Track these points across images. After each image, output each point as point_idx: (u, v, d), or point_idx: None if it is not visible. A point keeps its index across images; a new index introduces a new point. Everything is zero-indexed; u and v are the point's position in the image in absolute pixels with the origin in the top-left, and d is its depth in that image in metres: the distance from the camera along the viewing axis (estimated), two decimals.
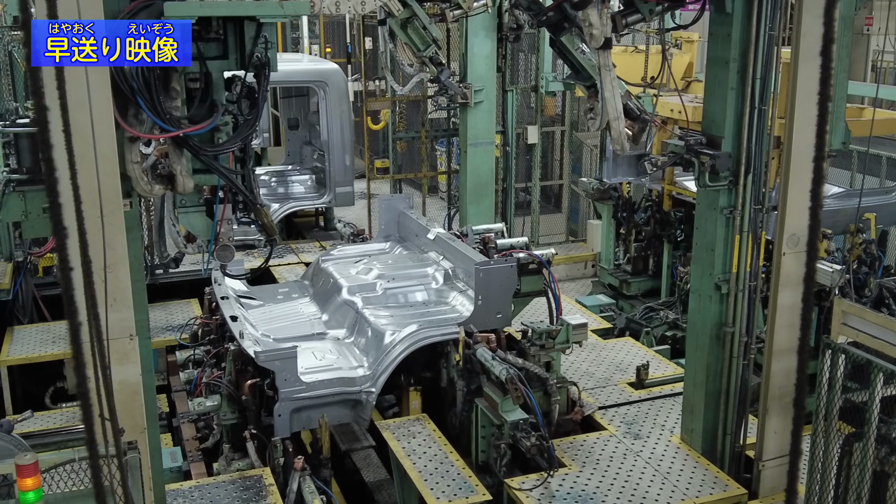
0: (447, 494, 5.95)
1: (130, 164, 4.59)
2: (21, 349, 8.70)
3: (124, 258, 4.50)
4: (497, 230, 8.77)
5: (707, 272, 6.19)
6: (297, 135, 13.99)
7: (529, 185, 14.00)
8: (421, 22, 9.46)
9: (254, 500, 6.04)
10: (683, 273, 10.10)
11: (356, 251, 9.30)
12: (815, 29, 5.49)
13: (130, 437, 4.28)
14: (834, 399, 4.93)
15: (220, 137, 4.88)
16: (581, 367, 8.05)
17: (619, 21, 5.61)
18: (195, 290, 9.69)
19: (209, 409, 7.03)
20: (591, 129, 7.70)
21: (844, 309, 5.14)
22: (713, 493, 6.03)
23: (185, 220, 5.31)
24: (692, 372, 6.52)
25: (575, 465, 6.36)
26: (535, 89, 13.42)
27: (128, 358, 4.60)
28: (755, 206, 5.96)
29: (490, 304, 7.20)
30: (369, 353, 7.29)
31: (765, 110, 5.79)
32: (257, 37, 4.83)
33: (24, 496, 3.37)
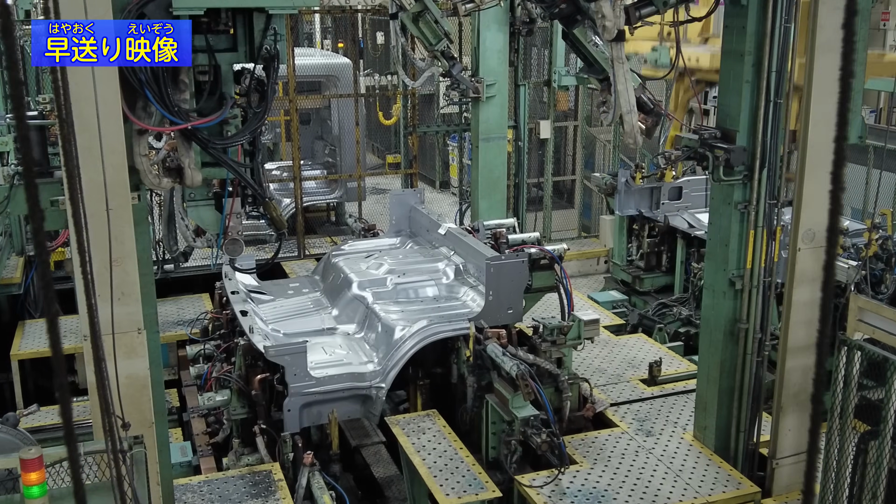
0: (457, 491, 5.91)
1: (139, 157, 4.56)
2: (33, 343, 8.72)
3: (132, 252, 4.47)
4: (509, 225, 8.71)
5: (721, 268, 6.11)
6: (309, 130, 13.97)
7: (542, 180, 13.92)
8: (433, 16, 9.42)
9: (263, 495, 6.02)
10: (697, 269, 10.02)
11: (367, 246, 9.26)
12: (831, 21, 5.41)
13: (138, 431, 4.25)
14: (849, 397, 4.87)
15: (229, 130, 4.85)
16: (593, 363, 7.99)
17: (633, 13, 5.53)
18: (207, 284, 9.69)
19: (219, 404, 7.01)
20: (604, 123, 7.64)
21: (861, 305, 5.08)
22: (726, 491, 5.96)
23: (195, 214, 5.28)
24: (705, 369, 6.45)
25: (586, 462, 6.30)
26: (547, 84, 13.33)
27: (136, 352, 4.58)
28: (770, 200, 5.88)
29: (501, 299, 7.15)
30: (379, 348, 7.26)
31: (780, 104, 5.71)
32: (266, 29, 4.78)
33: (29, 490, 3.34)
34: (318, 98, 12.69)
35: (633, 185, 10.95)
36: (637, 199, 11.16)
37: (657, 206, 11.14)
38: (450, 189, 17.66)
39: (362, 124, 12.42)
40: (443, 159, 18.01)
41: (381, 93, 14.59)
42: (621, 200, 11.04)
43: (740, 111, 5.80)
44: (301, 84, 12.24)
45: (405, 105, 13.49)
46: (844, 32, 1.51)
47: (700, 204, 10.96)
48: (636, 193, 11.09)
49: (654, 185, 11.08)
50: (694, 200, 11.13)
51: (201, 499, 5.96)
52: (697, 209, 10.95)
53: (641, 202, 11.19)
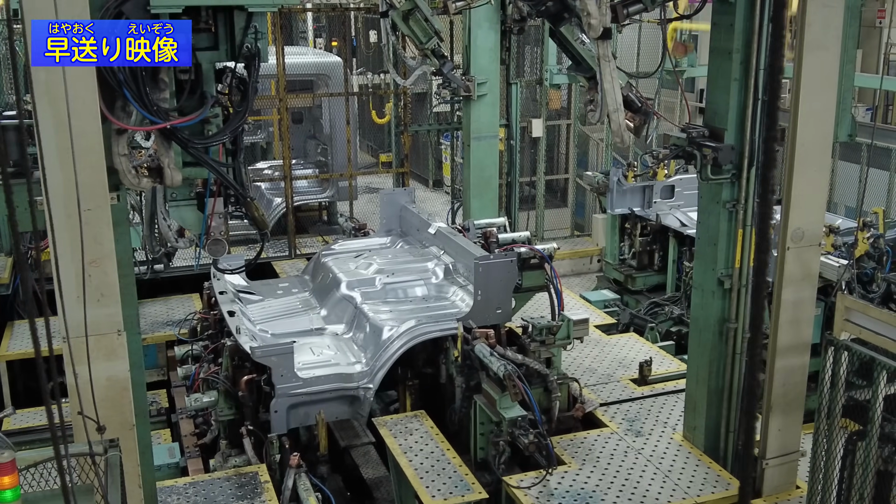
0: (443, 492, 5.87)
1: (118, 157, 4.50)
2: (21, 344, 8.67)
3: (111, 252, 4.41)
4: (499, 224, 8.66)
5: (710, 267, 6.07)
6: (301, 129, 13.91)
7: (534, 178, 13.88)
8: (423, 14, 9.34)
9: (249, 497, 5.97)
10: (689, 268, 9.98)
11: (357, 246, 9.21)
12: (819, 18, 5.37)
13: (119, 433, 4.20)
14: (837, 397, 4.83)
15: (210, 130, 4.79)
16: (583, 363, 7.94)
17: (620, 10, 5.48)
18: (198, 284, 9.62)
19: (206, 405, 6.97)
20: (592, 122, 7.59)
21: (848, 305, 5.05)
22: (715, 492, 5.92)
23: (176, 214, 5.23)
24: (695, 369, 6.41)
25: (575, 463, 6.26)
26: (539, 82, 13.30)
27: (115, 354, 4.53)
28: (758, 199, 5.83)
29: (490, 299, 7.11)
30: (367, 348, 7.21)
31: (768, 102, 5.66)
32: (247, 27, 4.73)
33: (2, 494, 3.29)
34: (309, 97, 12.64)
35: (625, 183, 10.92)
36: (629, 197, 11.13)
37: (649, 205, 11.11)
38: (443, 188, 17.63)
39: (354, 123, 12.36)
40: (436, 158, 17.97)
41: (374, 91, 14.54)
42: (613, 199, 11.02)
43: (728, 109, 5.75)
44: (292, 83, 12.19)
45: (397, 104, 13.44)
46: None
47: (692, 202, 10.87)
48: (628, 192, 11.07)
49: (647, 183, 11.05)
50: (686, 199, 11.09)
51: (186, 501, 5.91)
52: (690, 208, 10.91)
53: (634, 201, 11.17)
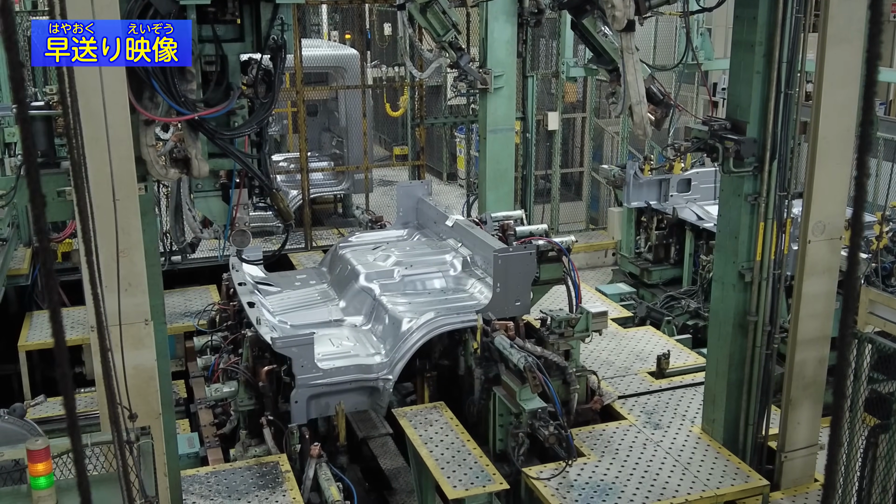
0: (464, 483, 5.90)
1: (145, 148, 4.54)
2: (40, 334, 8.74)
3: (139, 243, 4.45)
4: (516, 217, 8.66)
5: (731, 260, 6.07)
6: (316, 121, 13.94)
7: (549, 172, 13.88)
8: (440, 6, 9.35)
9: (270, 486, 6.01)
10: (705, 262, 9.97)
11: (374, 238, 9.24)
12: (843, 11, 5.36)
13: (145, 422, 4.24)
14: (859, 390, 4.83)
15: (236, 121, 4.82)
16: (601, 355, 7.96)
17: (643, 2, 5.48)
18: (214, 276, 9.68)
19: (226, 396, 7.01)
20: (613, 114, 7.58)
21: (872, 297, 5.04)
22: (734, 485, 5.93)
23: (202, 205, 5.26)
24: (714, 361, 6.41)
25: (594, 455, 6.28)
26: (555, 75, 13.28)
27: (143, 343, 4.57)
28: (780, 192, 5.83)
29: (509, 291, 7.12)
30: (386, 340, 7.24)
31: (791, 95, 5.66)
32: (273, 19, 4.76)
33: (36, 481, 3.34)
34: (325, 89, 12.66)
35: (641, 176, 10.91)
36: (645, 191, 11.12)
37: (666, 199, 11.10)
38: (457, 181, 17.64)
39: (369, 116, 12.38)
40: (450, 151, 17.98)
41: (389, 84, 14.55)
42: (629, 192, 11.01)
43: (751, 102, 5.74)
44: (308, 75, 12.22)
45: (412, 97, 13.45)
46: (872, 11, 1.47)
47: (709, 196, 10.90)
48: (644, 185, 11.05)
49: (663, 176, 11.04)
50: (703, 192, 11.08)
51: (208, 490, 5.96)
52: (706, 201, 10.90)
53: (650, 194, 11.16)
